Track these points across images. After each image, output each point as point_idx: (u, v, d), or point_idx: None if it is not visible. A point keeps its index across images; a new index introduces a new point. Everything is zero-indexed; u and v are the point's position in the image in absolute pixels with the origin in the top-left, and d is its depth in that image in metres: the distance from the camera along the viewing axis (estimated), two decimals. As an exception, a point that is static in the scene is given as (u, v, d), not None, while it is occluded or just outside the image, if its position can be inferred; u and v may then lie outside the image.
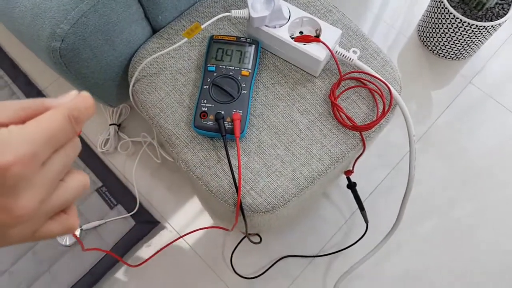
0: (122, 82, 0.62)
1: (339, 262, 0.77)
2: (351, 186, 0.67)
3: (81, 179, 0.23)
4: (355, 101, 0.54)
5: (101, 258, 0.76)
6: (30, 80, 0.90)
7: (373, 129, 0.53)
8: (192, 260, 0.77)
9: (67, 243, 0.78)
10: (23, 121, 0.20)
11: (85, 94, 0.21)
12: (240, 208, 0.50)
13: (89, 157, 0.84)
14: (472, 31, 0.82)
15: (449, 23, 0.84)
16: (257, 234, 0.76)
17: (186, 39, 0.51)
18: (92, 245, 0.77)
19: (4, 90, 0.89)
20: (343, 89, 0.54)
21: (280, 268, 0.77)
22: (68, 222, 0.23)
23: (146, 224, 0.79)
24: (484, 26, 0.81)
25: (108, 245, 0.77)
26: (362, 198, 0.76)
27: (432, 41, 0.92)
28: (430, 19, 0.89)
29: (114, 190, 0.81)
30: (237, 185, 0.49)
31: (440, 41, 0.89)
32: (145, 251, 0.78)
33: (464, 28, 0.82)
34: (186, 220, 0.80)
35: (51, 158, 0.21)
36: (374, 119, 0.53)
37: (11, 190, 0.19)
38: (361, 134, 0.53)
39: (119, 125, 0.86)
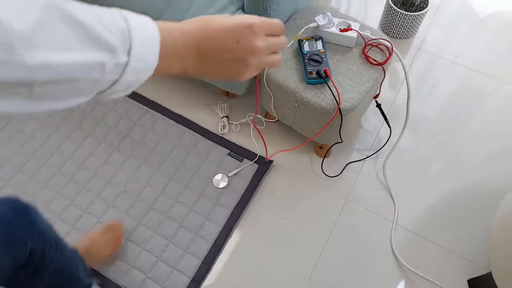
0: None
1: (380, 155, 1.32)
2: (378, 105, 1.24)
3: (284, 41, 0.48)
4: (374, 53, 1.13)
5: (247, 186, 1.27)
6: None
7: (387, 63, 1.11)
8: (300, 173, 1.30)
9: (216, 185, 1.28)
10: None
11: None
12: (340, 112, 1.06)
13: (217, 138, 1.36)
14: (410, 18, 1.46)
15: (396, 16, 1.47)
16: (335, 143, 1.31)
17: (293, 40, 1.08)
18: (237, 183, 1.28)
19: (148, 114, 1.41)
20: (368, 48, 1.13)
21: (348, 167, 1.31)
22: (278, 57, 0.48)
23: (264, 163, 1.32)
24: (415, 15, 1.44)
25: (248, 179, 1.29)
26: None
27: (389, 29, 1.55)
28: (386, 16, 1.52)
29: (237, 152, 1.34)
30: (337, 99, 1.05)
31: (394, 28, 1.52)
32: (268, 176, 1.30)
33: (405, 17, 1.45)
34: (286, 154, 1.33)
35: (270, 37, 0.45)
36: (386, 58, 1.11)
37: (253, 37, 0.43)
38: (382, 67, 1.11)
39: (227, 116, 1.40)
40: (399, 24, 1.49)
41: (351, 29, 1.11)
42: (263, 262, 1.17)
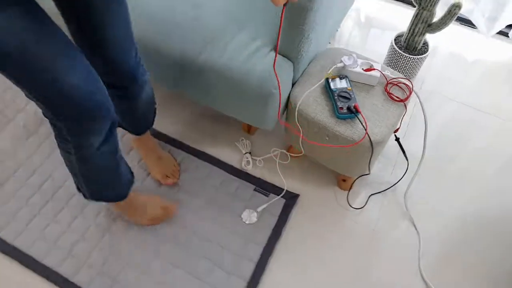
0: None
1: (401, 186, 1.39)
2: (397, 139, 1.32)
3: None
4: (395, 90, 1.22)
5: (276, 220, 1.30)
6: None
7: (408, 100, 1.21)
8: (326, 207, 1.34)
9: (245, 221, 1.30)
10: None
11: None
12: (371, 144, 1.12)
13: (242, 175, 1.40)
14: (412, 60, 1.59)
15: (401, 59, 1.59)
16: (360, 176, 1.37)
17: (323, 79, 1.16)
18: (266, 219, 1.31)
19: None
20: (389, 87, 1.22)
21: (371, 198, 1.37)
22: None
23: (291, 198, 1.35)
24: (417, 58, 1.58)
25: (276, 214, 1.31)
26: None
27: (394, 69, 1.67)
28: (390, 57, 1.64)
29: (263, 187, 1.37)
30: (365, 127, 1.12)
31: (398, 70, 1.65)
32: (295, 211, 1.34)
33: (408, 60, 1.58)
34: (314, 188, 1.38)
35: None
36: (407, 95, 1.21)
37: None
38: (404, 104, 1.20)
39: (250, 152, 1.44)
40: (403, 66, 1.61)
41: (374, 69, 1.20)
42: (300, 295, 1.18)
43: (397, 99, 1.20)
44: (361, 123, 1.13)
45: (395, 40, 1.62)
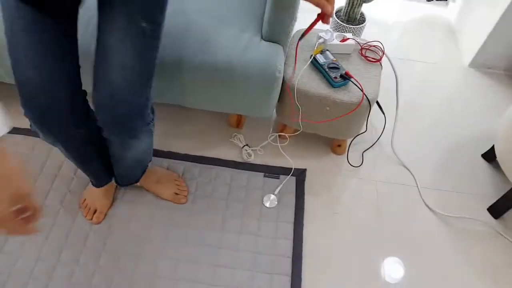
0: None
1: (384, 138, 1.56)
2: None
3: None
4: (369, 53, 1.37)
5: (294, 196, 1.37)
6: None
7: (382, 59, 1.37)
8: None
9: (268, 206, 1.36)
10: None
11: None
12: (368, 102, 1.26)
13: (247, 166, 1.44)
14: (355, 30, 1.78)
15: (344, 30, 1.77)
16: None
17: (311, 56, 1.26)
18: (285, 198, 1.37)
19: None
20: (364, 51, 1.37)
21: (365, 155, 1.51)
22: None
23: (300, 174, 1.44)
24: (359, 27, 1.77)
25: (292, 191, 1.39)
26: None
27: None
28: (335, 30, 1.81)
29: (272, 171, 1.43)
30: (361, 89, 1.26)
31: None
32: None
33: (352, 30, 1.77)
34: (310, 159, 1.48)
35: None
36: (380, 56, 1.37)
37: None
38: (380, 63, 1.36)
39: (247, 144, 1.49)
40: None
41: (348, 39, 1.34)
42: (336, 251, 1.28)
43: (374, 60, 1.35)
44: (357, 86, 1.26)
45: (336, 14, 1.79)
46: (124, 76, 0.88)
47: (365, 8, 1.79)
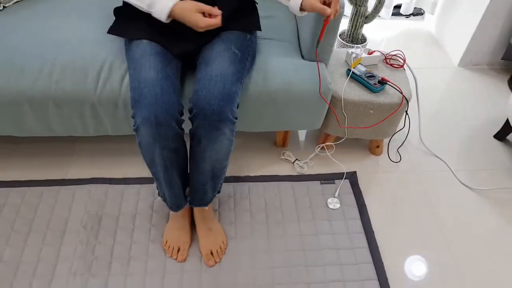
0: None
1: (412, 133, 1.76)
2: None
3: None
4: (393, 61, 1.59)
5: (353, 195, 1.52)
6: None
7: (405, 64, 1.58)
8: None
9: (333, 208, 1.49)
10: None
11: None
12: (406, 101, 1.46)
13: (303, 177, 1.57)
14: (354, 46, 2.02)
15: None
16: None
17: (350, 70, 1.46)
18: (346, 198, 1.51)
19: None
20: (388, 60, 1.58)
21: (400, 151, 1.70)
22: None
23: (352, 176, 1.59)
24: (362, 46, 2.01)
25: (350, 192, 1.53)
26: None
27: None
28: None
29: (327, 178, 1.58)
30: (400, 90, 1.45)
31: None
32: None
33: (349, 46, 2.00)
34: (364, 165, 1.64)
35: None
36: (403, 61, 1.59)
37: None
38: (403, 68, 1.57)
39: (297, 159, 1.63)
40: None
41: (374, 51, 1.56)
42: (405, 236, 1.42)
43: (398, 66, 1.57)
44: (395, 88, 1.46)
45: (340, 36, 2.03)
46: (220, 66, 1.14)
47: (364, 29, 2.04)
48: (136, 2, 1.13)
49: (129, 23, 1.25)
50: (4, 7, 1.46)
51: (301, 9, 1.15)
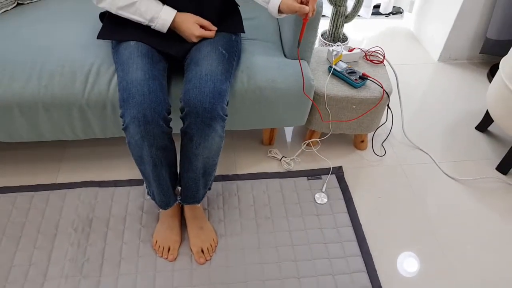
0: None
1: (395, 127, 1.80)
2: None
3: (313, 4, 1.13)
4: (373, 57, 1.63)
5: (340, 190, 1.55)
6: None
7: (385, 60, 1.63)
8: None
9: (321, 202, 1.52)
10: None
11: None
12: (387, 94, 1.50)
13: (290, 174, 1.60)
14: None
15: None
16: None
17: (331, 67, 1.50)
18: (333, 193, 1.55)
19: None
20: (368, 56, 1.63)
21: (384, 145, 1.74)
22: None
23: (338, 170, 1.62)
24: (344, 44, 2.06)
25: (336, 186, 1.57)
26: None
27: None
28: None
29: (313, 174, 1.61)
30: (381, 85, 1.50)
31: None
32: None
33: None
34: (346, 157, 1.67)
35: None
36: (382, 58, 1.63)
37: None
38: (383, 63, 1.62)
39: (284, 156, 1.66)
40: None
41: (355, 48, 1.60)
42: (390, 227, 1.46)
43: (378, 62, 1.61)
44: (375, 83, 1.50)
45: (321, 36, 2.07)
46: (210, 66, 1.17)
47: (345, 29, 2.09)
48: (137, 18, 1.21)
49: (117, 26, 1.28)
50: (-11, 16, 1.48)
51: (279, 11, 1.19)
